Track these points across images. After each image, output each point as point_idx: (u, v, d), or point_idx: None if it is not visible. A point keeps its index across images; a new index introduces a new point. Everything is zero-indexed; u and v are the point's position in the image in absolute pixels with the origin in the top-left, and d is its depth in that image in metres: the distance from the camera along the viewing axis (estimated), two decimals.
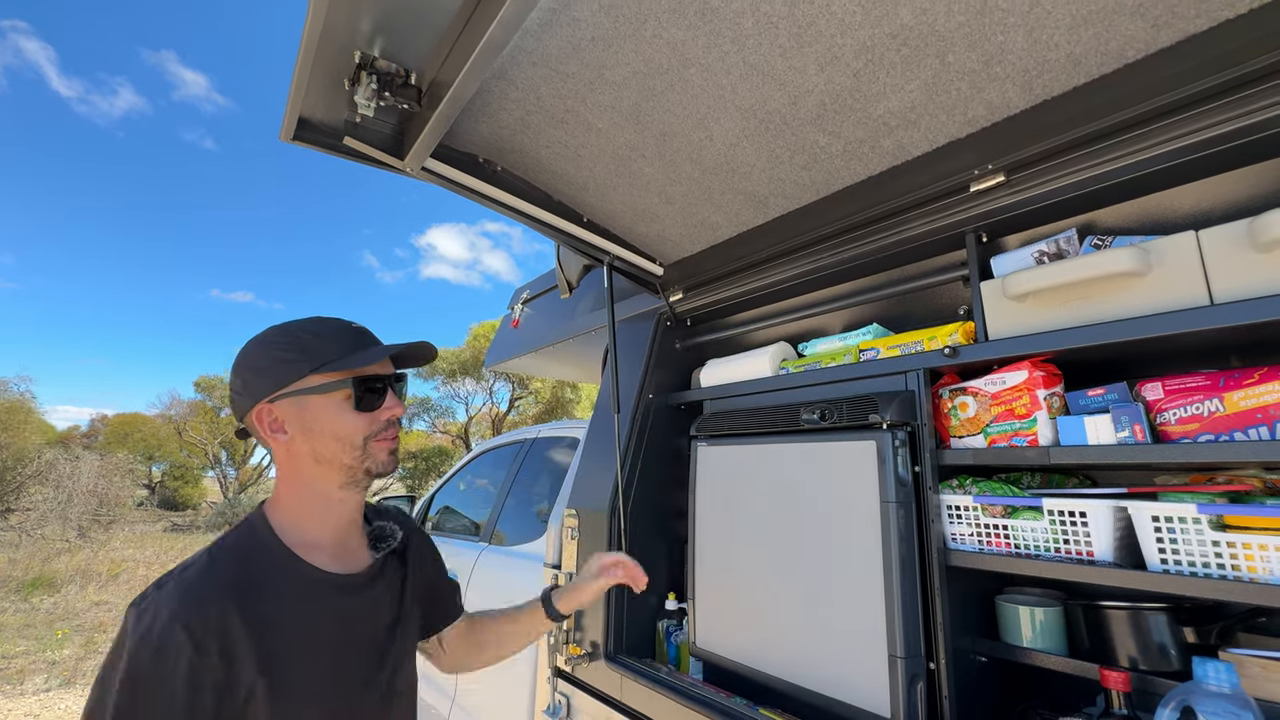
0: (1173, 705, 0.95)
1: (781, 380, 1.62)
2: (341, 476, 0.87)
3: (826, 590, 1.33)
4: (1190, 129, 0.99)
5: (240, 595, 0.75)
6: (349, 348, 0.86)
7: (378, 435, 0.88)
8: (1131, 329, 1.01)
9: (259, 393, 0.83)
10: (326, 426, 0.84)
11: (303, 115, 1.28)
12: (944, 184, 1.28)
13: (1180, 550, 0.96)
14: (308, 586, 0.82)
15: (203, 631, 0.71)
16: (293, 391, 0.83)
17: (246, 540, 0.82)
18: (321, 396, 0.84)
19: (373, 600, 0.90)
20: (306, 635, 0.80)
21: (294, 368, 0.83)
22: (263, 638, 0.75)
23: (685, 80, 1.21)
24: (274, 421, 0.84)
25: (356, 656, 0.85)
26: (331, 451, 0.85)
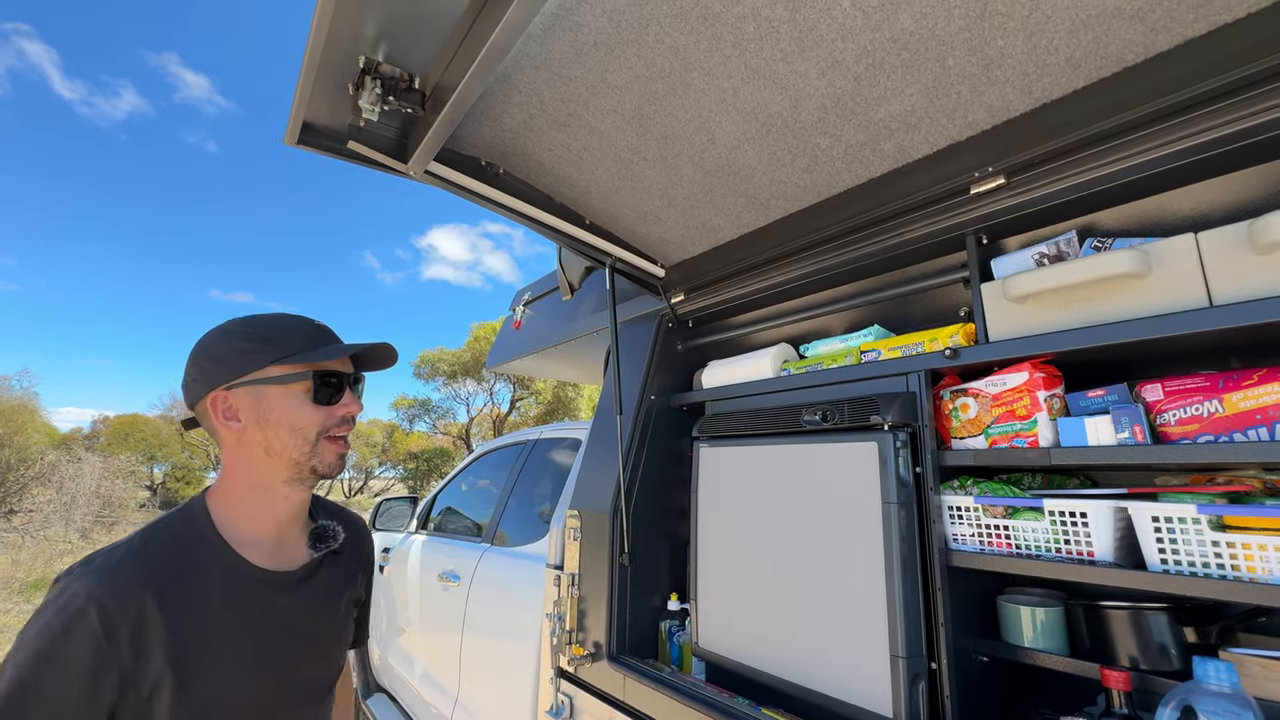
0: (1173, 705, 0.96)
1: (783, 381, 1.63)
2: (288, 471, 0.86)
3: (828, 591, 1.33)
4: (1189, 132, 1.00)
5: (161, 584, 0.75)
6: (311, 343, 0.87)
7: (330, 431, 0.88)
8: (1131, 330, 1.02)
9: (216, 379, 0.83)
10: (283, 417, 0.84)
11: (307, 120, 1.29)
12: (944, 186, 1.29)
13: (1180, 550, 0.96)
14: (236, 581, 0.82)
15: (116, 616, 0.70)
16: (251, 380, 0.83)
17: (181, 527, 0.82)
18: (280, 387, 0.84)
19: (303, 599, 0.89)
20: (225, 631, 0.79)
21: (255, 357, 0.83)
22: (179, 630, 0.74)
23: (687, 84, 1.22)
24: (228, 409, 0.84)
25: (277, 655, 0.84)
26: (284, 444, 0.85)
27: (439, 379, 19.52)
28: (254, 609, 0.82)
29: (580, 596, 1.86)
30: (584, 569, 1.87)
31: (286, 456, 0.85)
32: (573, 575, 1.90)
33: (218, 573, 0.80)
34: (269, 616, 0.84)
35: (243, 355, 0.83)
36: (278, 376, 0.84)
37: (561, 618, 1.86)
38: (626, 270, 1.95)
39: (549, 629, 1.89)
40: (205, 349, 0.85)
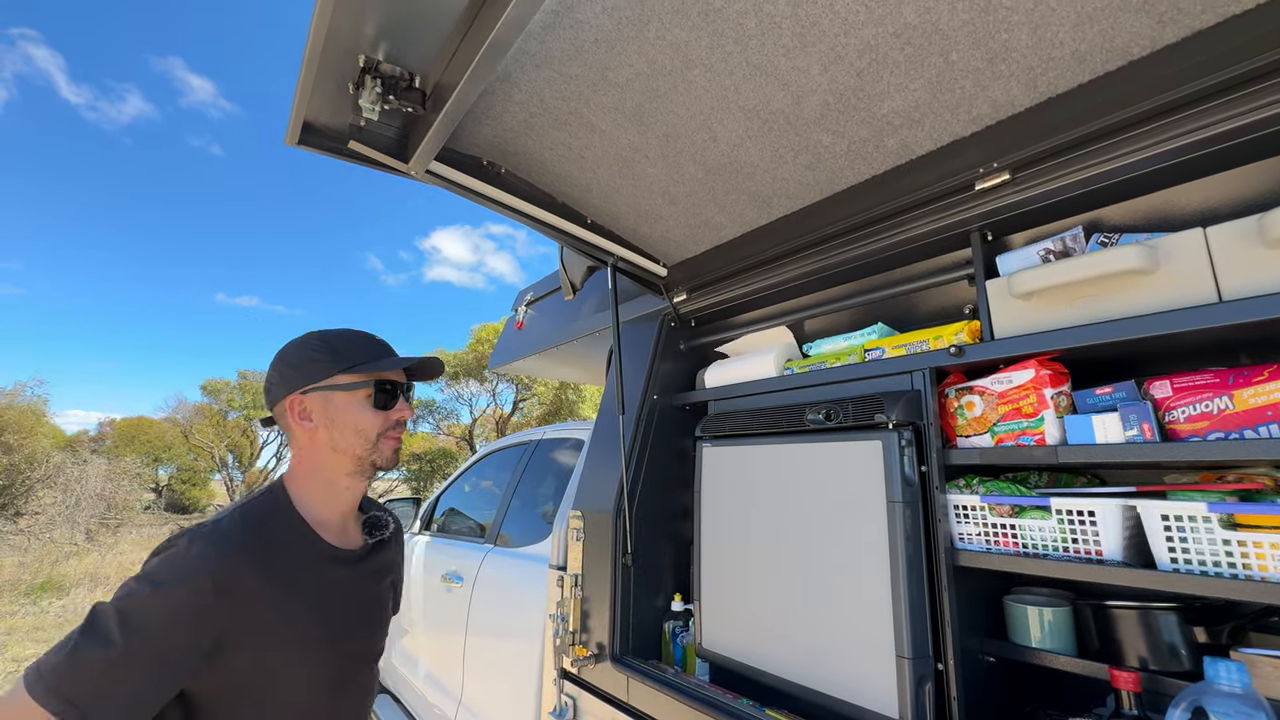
0: (1184, 706, 0.95)
1: (786, 380, 1.62)
2: (351, 465, 0.99)
3: (833, 591, 1.32)
4: (1197, 125, 0.99)
5: (259, 553, 0.87)
6: (372, 355, 1.01)
7: (387, 432, 1.01)
8: (1139, 327, 1.01)
9: (293, 385, 0.97)
10: (347, 419, 0.98)
11: (307, 120, 1.29)
12: (948, 183, 1.28)
13: (1190, 549, 0.95)
14: (314, 554, 0.94)
15: (222, 577, 0.81)
16: (322, 386, 0.97)
17: (270, 506, 0.94)
18: (345, 394, 0.98)
19: (361, 575, 1.02)
20: (304, 595, 0.90)
21: (325, 366, 0.97)
22: (271, 590, 0.86)
23: (688, 81, 1.21)
24: (302, 410, 0.97)
25: (346, 619, 0.97)
26: (348, 442, 0.98)
27: (441, 380, 19.53)
28: (326, 578, 0.95)
29: (583, 597, 1.86)
30: (587, 569, 1.86)
31: (351, 453, 0.98)
32: (576, 576, 1.89)
33: (300, 546, 0.93)
34: (336, 586, 0.97)
35: (315, 364, 0.97)
36: (344, 384, 0.98)
37: (564, 618, 1.86)
38: (628, 269, 1.95)
39: (552, 630, 1.88)
40: (285, 357, 0.99)
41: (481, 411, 20.69)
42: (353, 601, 0.99)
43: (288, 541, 0.92)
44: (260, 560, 0.86)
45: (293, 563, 0.90)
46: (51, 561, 9.44)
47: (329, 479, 0.99)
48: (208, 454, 21.87)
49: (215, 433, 21.75)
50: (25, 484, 9.45)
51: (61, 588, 8.63)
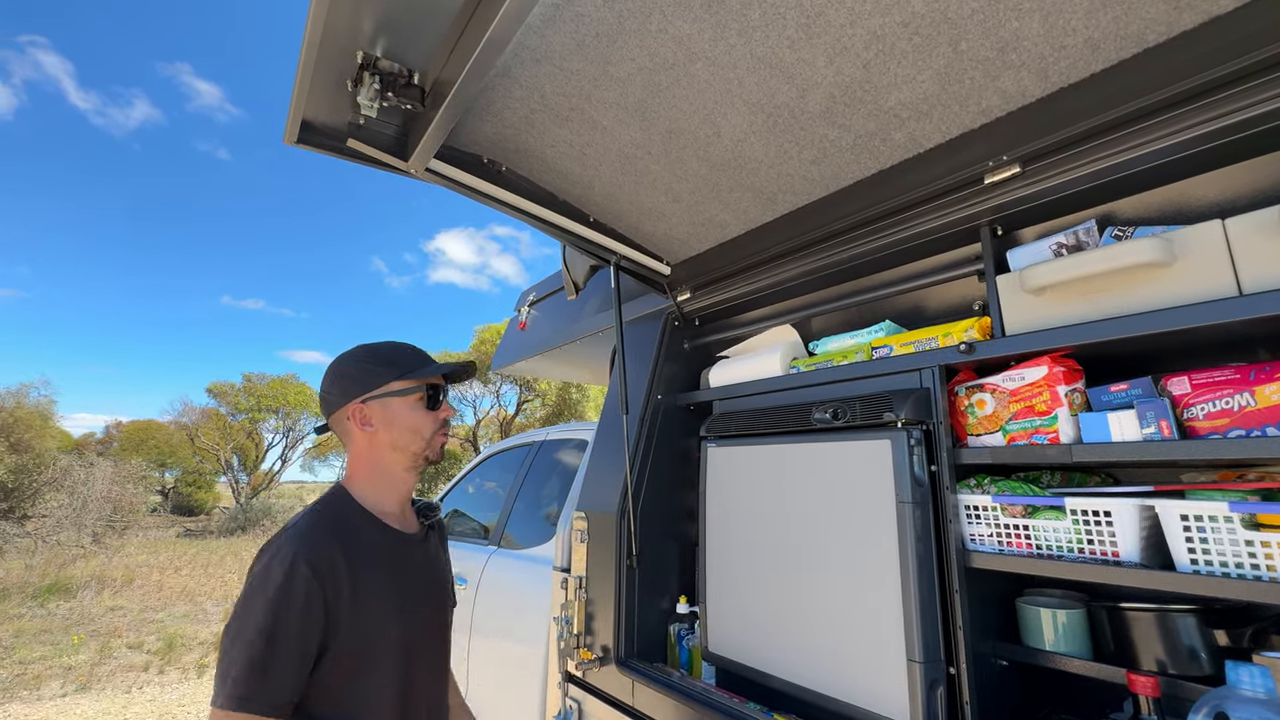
0: (1205, 711, 0.92)
1: (792, 379, 1.60)
2: (408, 461, 1.11)
3: (842, 593, 1.30)
4: (1215, 114, 0.96)
5: (341, 538, 0.99)
6: (419, 363, 1.13)
7: (438, 430, 1.14)
8: (1156, 321, 0.98)
9: (352, 394, 1.08)
10: (405, 421, 1.09)
11: (306, 118, 1.27)
12: (957, 176, 1.25)
13: (1211, 550, 0.92)
14: (382, 536, 1.06)
15: (320, 565, 0.93)
16: (380, 394, 1.08)
17: (337, 504, 1.06)
18: (401, 399, 1.09)
19: (425, 553, 1.15)
20: (383, 569, 1.03)
21: (381, 377, 1.09)
22: (356, 569, 0.98)
23: (691, 75, 1.19)
24: (364, 417, 1.08)
25: (416, 590, 1.09)
26: (406, 440, 1.10)
27: None
28: (397, 556, 1.07)
29: (588, 599, 1.84)
30: (591, 571, 1.84)
31: (409, 450, 1.10)
32: (580, 578, 1.87)
33: (371, 531, 1.05)
34: (406, 563, 1.08)
35: (372, 375, 1.09)
36: (399, 390, 1.09)
37: (569, 621, 1.84)
38: (631, 268, 1.93)
39: (556, 633, 1.86)
40: (342, 371, 1.10)
41: (485, 413, 20.71)
42: (421, 575, 1.11)
43: (359, 528, 1.04)
44: (342, 543, 0.98)
45: (367, 544, 1.02)
46: (59, 564, 9.48)
47: (389, 474, 1.11)
48: (213, 457, 21.96)
49: (221, 436, 21.84)
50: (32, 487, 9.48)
51: (68, 590, 8.67)
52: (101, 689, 5.21)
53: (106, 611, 7.87)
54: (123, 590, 9.01)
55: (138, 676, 5.57)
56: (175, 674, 5.68)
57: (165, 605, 8.34)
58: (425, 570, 1.14)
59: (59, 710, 4.73)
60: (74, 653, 6.12)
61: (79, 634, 6.73)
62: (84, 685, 5.28)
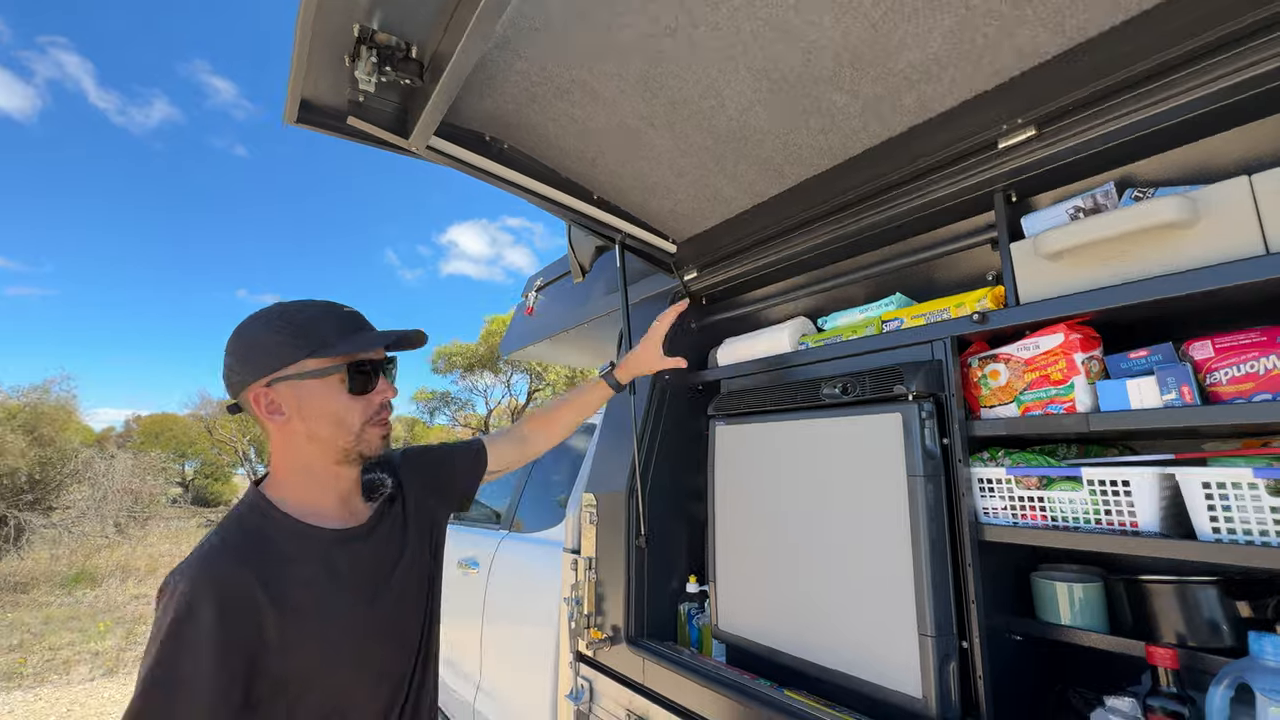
0: (1227, 682, 0.90)
1: (801, 355, 1.57)
2: (336, 455, 0.90)
3: (852, 569, 1.28)
4: (1241, 65, 0.91)
5: (251, 558, 0.80)
6: (341, 332, 0.89)
7: (372, 419, 0.91)
8: (1179, 284, 0.95)
9: (256, 374, 0.86)
10: (324, 409, 0.87)
11: (305, 96, 1.26)
12: (970, 141, 1.21)
13: (1235, 518, 0.90)
14: (310, 543, 0.87)
15: (225, 594, 0.76)
16: (289, 375, 0.86)
17: (246, 515, 0.86)
18: (317, 381, 0.87)
19: (376, 545, 0.94)
20: (316, 585, 0.84)
21: (289, 352, 0.85)
22: (279, 592, 0.80)
23: (694, 42, 1.16)
24: (270, 404, 0.86)
25: (369, 597, 0.90)
26: (328, 433, 0.88)
27: (455, 372, 19.69)
28: (333, 562, 0.87)
29: (598, 580, 1.84)
30: (601, 552, 1.84)
31: (333, 444, 0.89)
32: (590, 559, 1.87)
33: (292, 540, 0.85)
34: (349, 565, 0.89)
35: (279, 348, 0.85)
36: (313, 370, 0.87)
37: (579, 602, 1.84)
38: (637, 247, 1.90)
39: (567, 613, 1.87)
40: (244, 340, 0.87)
41: (497, 403, 20.83)
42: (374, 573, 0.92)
43: (278, 539, 0.85)
44: (255, 568, 0.80)
45: (289, 556, 0.84)
46: (84, 554, 9.71)
47: (317, 469, 0.90)
48: (230, 449, 22.30)
49: (238, 428, 22.14)
50: (56, 479, 9.70)
51: (94, 579, 8.88)
52: (128, 674, 5.34)
53: (131, 599, 8.06)
54: (146, 579, 9.22)
55: None
56: None
57: None
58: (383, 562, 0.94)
59: (88, 693, 4.86)
60: (101, 639, 6.28)
61: (105, 621, 6.90)
62: (111, 670, 5.42)
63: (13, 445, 8.97)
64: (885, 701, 1.18)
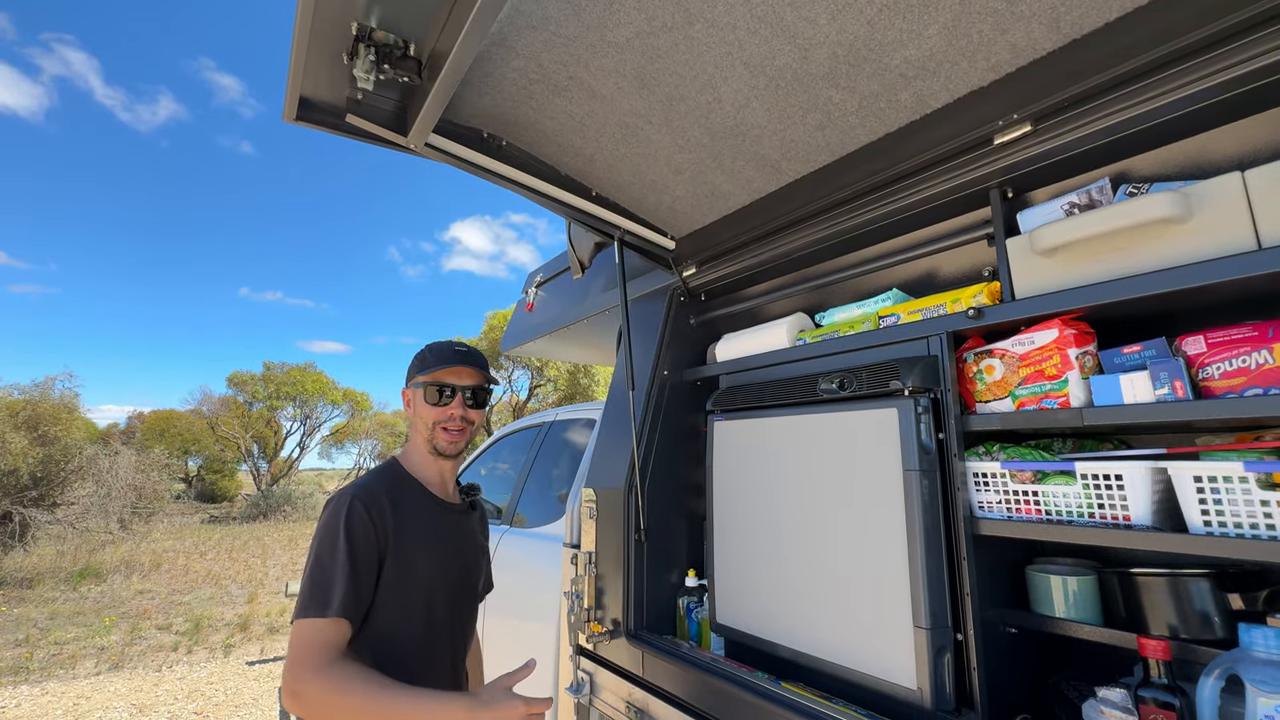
0: (1217, 673, 0.91)
1: (799, 351, 1.58)
2: (426, 445, 1.29)
3: (849, 563, 1.29)
4: (1235, 61, 0.92)
5: (390, 491, 1.20)
6: (440, 361, 1.29)
7: (441, 424, 1.28)
8: (1172, 279, 0.95)
9: (407, 380, 1.34)
10: (419, 411, 1.30)
11: (304, 94, 1.27)
12: (966, 138, 1.22)
13: (1226, 511, 0.90)
14: (423, 496, 1.27)
15: (371, 506, 1.14)
16: (412, 384, 1.31)
17: (389, 467, 1.29)
18: (418, 390, 1.30)
19: (462, 524, 1.34)
20: (421, 521, 1.23)
21: (415, 369, 1.32)
22: (400, 514, 1.18)
23: (690, 38, 1.16)
24: (406, 401, 1.34)
25: (449, 549, 1.27)
26: (420, 427, 1.30)
27: None
28: (435, 518, 1.27)
29: (597, 574, 1.85)
30: (601, 547, 1.86)
31: (423, 436, 1.29)
32: (590, 554, 1.89)
33: (414, 489, 1.27)
34: (440, 523, 1.27)
35: (415, 366, 1.32)
36: (419, 383, 1.29)
37: (579, 596, 1.86)
38: (636, 243, 1.91)
39: (567, 607, 1.88)
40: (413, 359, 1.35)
41: (498, 399, 20.86)
42: (454, 538, 1.29)
43: (404, 488, 1.25)
44: (389, 493, 1.18)
45: (410, 498, 1.23)
46: (89, 550, 9.76)
47: (420, 451, 1.31)
48: (234, 445, 22.38)
49: (240, 424, 22.22)
50: (60, 476, 9.75)
51: (99, 574, 8.94)
52: (133, 668, 5.38)
53: (136, 595, 8.12)
54: (151, 574, 9.28)
55: (167, 656, 5.75)
56: (203, 653, 5.85)
57: (192, 588, 8.58)
58: (459, 536, 1.31)
59: (94, 688, 4.90)
60: (106, 634, 6.33)
61: (110, 616, 6.95)
62: (116, 665, 5.46)
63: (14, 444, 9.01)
64: (881, 693, 1.19)
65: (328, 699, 0.97)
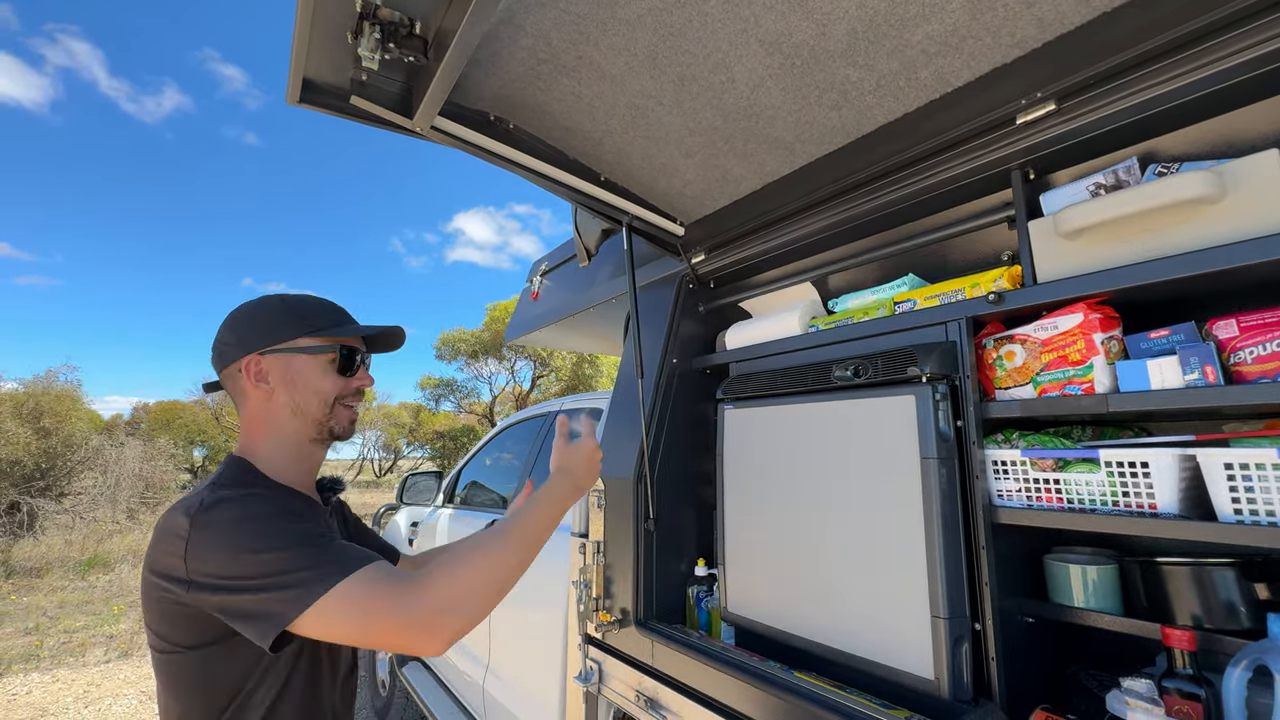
0: (1245, 664, 0.89)
1: (811, 338, 1.55)
2: (313, 431, 0.99)
3: (864, 551, 1.28)
4: (1271, 34, 0.88)
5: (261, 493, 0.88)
6: (334, 321, 1.01)
7: (346, 399, 1.02)
8: (1204, 261, 0.92)
9: (252, 345, 0.95)
10: (309, 383, 0.97)
11: (307, 76, 1.23)
12: (988, 117, 1.18)
13: (1258, 499, 0.88)
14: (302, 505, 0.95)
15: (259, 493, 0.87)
16: (283, 349, 0.96)
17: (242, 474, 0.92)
18: (309, 357, 0.98)
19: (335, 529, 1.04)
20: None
21: (288, 329, 0.96)
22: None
23: (704, 14, 1.13)
24: (259, 372, 0.95)
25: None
26: (310, 406, 0.97)
27: (461, 359, 19.73)
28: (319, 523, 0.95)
29: (606, 564, 1.84)
30: (609, 536, 1.85)
31: (311, 417, 0.98)
32: (598, 543, 1.88)
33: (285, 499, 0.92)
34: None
35: (278, 326, 0.96)
36: (307, 347, 0.97)
37: (588, 585, 1.85)
38: (644, 229, 1.88)
39: (575, 596, 1.87)
40: (243, 317, 0.97)
41: (501, 389, 20.89)
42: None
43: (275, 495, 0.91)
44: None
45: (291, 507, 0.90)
46: (96, 539, 9.83)
47: (293, 442, 0.98)
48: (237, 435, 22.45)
49: None
50: (66, 466, 9.81)
51: (107, 564, 9.01)
52: (142, 656, 5.43)
53: None
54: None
55: None
56: None
57: None
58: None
59: (104, 675, 4.95)
60: (115, 622, 6.38)
61: (119, 604, 7.01)
62: (125, 652, 5.51)
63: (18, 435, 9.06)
64: (896, 683, 1.18)
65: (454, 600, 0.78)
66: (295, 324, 0.97)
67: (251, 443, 0.96)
